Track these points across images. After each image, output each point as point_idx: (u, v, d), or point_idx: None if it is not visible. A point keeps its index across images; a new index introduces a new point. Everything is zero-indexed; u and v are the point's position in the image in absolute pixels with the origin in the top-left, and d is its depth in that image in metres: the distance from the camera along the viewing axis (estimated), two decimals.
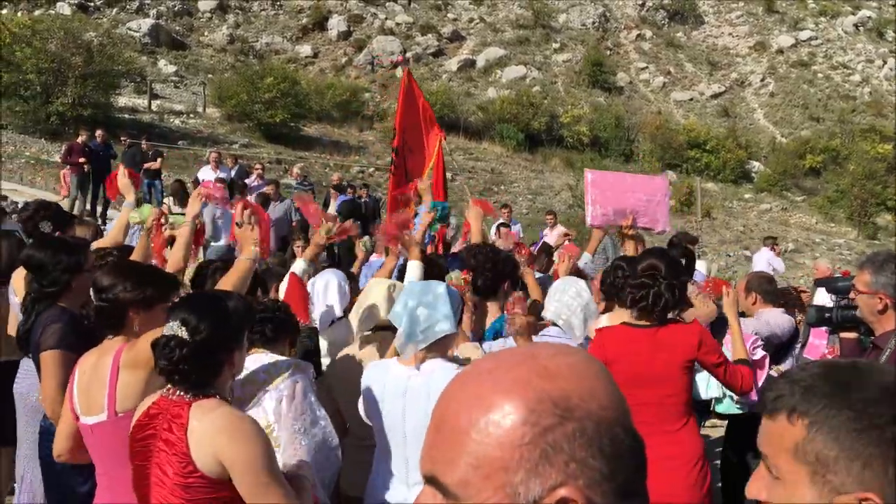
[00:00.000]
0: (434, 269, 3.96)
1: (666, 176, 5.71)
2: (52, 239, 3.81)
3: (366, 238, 5.57)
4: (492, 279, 4.17)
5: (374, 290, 3.50)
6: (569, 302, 3.62)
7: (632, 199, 5.12)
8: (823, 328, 6.29)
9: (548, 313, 3.69)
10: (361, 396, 3.02)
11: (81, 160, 14.34)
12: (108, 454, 2.78)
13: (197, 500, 2.21)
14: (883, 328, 3.31)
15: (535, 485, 0.78)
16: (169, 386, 2.35)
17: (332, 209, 14.30)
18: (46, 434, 3.32)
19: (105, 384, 2.78)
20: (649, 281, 3.41)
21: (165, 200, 13.90)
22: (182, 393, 2.30)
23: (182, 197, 13.25)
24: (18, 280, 4.07)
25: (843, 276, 9.47)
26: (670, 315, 3.49)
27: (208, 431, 2.21)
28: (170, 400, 2.31)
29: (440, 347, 2.86)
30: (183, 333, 2.26)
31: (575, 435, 0.79)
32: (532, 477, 0.78)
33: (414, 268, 3.85)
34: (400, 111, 7.47)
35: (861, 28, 45.29)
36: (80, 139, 14.77)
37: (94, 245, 4.22)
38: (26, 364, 3.76)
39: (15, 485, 3.81)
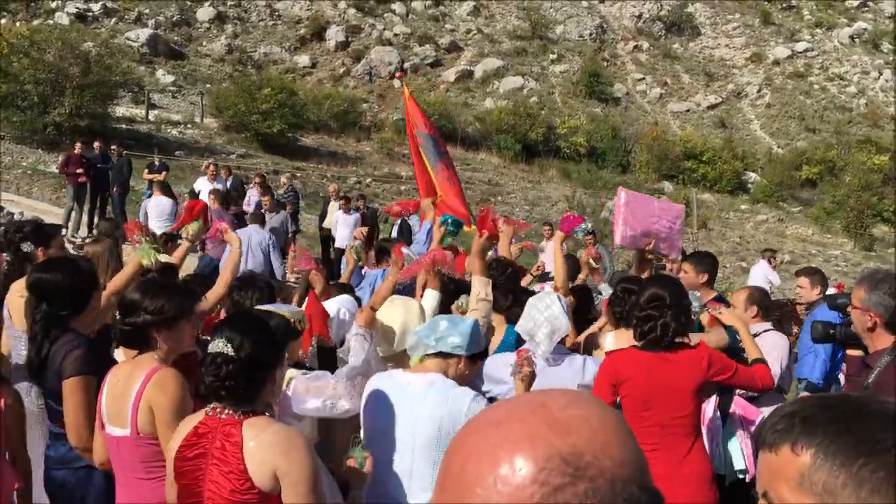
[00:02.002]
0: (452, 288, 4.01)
1: (683, 206, 5.72)
2: (62, 260, 3.71)
3: (357, 243, 5.53)
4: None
5: (407, 314, 3.51)
6: (535, 316, 3.57)
7: (656, 225, 5.19)
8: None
9: (518, 327, 3.67)
10: (362, 403, 3.06)
11: (79, 171, 14.34)
12: (129, 467, 2.87)
13: None
14: (874, 346, 3.33)
15: None
16: (213, 405, 2.42)
17: (330, 219, 14.30)
18: (59, 461, 3.32)
19: (130, 403, 2.84)
20: (655, 312, 3.42)
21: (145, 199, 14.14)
22: (231, 411, 2.38)
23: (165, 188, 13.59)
24: (14, 300, 4.01)
25: (838, 289, 9.49)
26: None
27: (265, 448, 2.31)
28: (219, 419, 2.38)
29: (446, 363, 2.91)
30: (229, 350, 2.35)
31: (587, 495, 0.74)
32: None
33: (431, 297, 3.89)
34: (416, 121, 7.50)
35: (857, 40, 45.51)
36: (76, 150, 14.76)
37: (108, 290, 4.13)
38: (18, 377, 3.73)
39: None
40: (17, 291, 3.96)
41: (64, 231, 12.60)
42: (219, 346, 2.37)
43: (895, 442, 1.00)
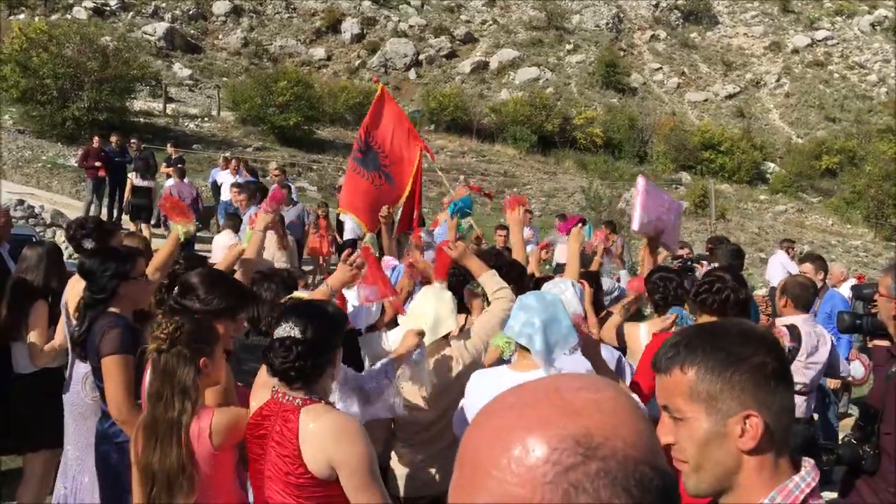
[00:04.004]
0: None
1: (683, 204, 5.86)
2: (104, 248, 4.02)
3: (368, 237, 5.58)
4: None
5: (439, 303, 3.55)
6: None
7: (665, 217, 5.25)
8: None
9: None
10: (466, 404, 3.16)
11: (97, 165, 14.48)
12: None
13: (308, 497, 2.41)
14: None
15: None
16: (276, 388, 2.52)
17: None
18: (103, 437, 3.52)
19: None
20: (714, 278, 3.63)
21: (130, 175, 14.32)
22: (291, 397, 2.48)
23: (144, 172, 13.80)
24: (72, 289, 4.30)
25: (858, 280, 9.41)
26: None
27: (320, 436, 2.39)
28: (280, 403, 2.50)
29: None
30: (296, 333, 2.46)
31: (599, 475, 0.76)
32: None
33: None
34: (372, 124, 7.48)
35: (878, 27, 44.90)
36: (94, 144, 14.90)
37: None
38: (77, 372, 3.96)
39: (63, 485, 3.96)
40: (74, 282, 4.26)
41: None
42: (286, 330, 2.47)
43: (752, 351, 1.38)
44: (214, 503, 2.68)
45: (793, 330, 4.47)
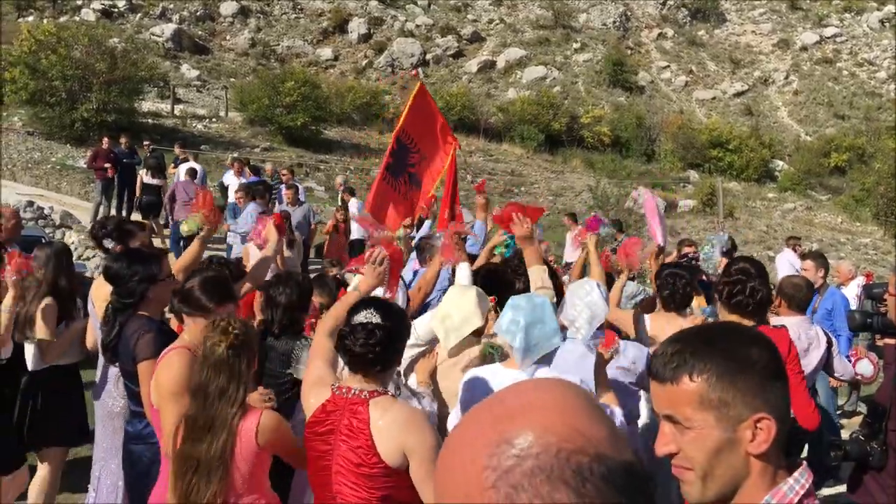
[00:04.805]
0: (498, 280, 4.14)
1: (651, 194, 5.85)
2: (128, 251, 4.03)
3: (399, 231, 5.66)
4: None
5: (463, 300, 3.57)
6: (576, 302, 3.71)
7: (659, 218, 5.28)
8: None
9: (561, 316, 3.75)
10: (460, 401, 3.18)
11: (106, 166, 14.54)
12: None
13: (378, 487, 2.48)
14: None
15: None
16: (338, 384, 2.59)
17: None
18: (136, 438, 3.55)
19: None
20: (743, 276, 3.57)
21: (141, 172, 14.41)
22: (357, 391, 2.54)
23: (155, 170, 13.98)
24: (98, 291, 4.32)
25: (867, 278, 9.36)
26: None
27: (392, 426, 2.46)
28: (345, 398, 2.54)
29: (548, 355, 3.14)
30: (376, 319, 2.52)
31: (535, 472, 0.78)
32: None
33: (464, 268, 4.09)
34: (408, 121, 7.48)
35: (887, 24, 44.66)
36: (103, 145, 14.97)
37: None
38: (111, 371, 4.02)
39: (92, 487, 4.00)
40: (100, 284, 4.29)
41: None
42: (366, 316, 2.53)
43: (758, 355, 1.36)
44: (251, 501, 2.79)
45: None
